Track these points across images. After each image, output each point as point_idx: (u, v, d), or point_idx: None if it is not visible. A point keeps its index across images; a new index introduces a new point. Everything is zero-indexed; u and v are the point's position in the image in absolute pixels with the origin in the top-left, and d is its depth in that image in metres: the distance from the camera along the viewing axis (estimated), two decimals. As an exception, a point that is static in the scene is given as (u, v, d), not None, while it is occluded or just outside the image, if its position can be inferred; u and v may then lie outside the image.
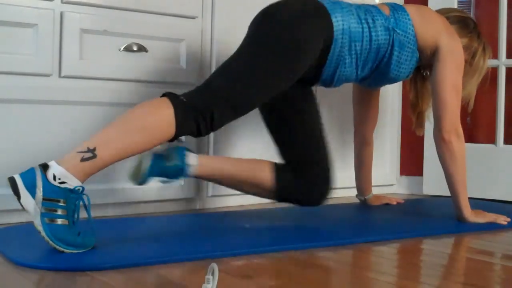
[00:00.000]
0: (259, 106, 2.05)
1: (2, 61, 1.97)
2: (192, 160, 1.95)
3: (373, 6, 2.11)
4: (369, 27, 2.02)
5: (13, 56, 1.99)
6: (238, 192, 2.52)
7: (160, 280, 1.38)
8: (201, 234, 1.87)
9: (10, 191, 1.73)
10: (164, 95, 1.78)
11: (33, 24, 2.02)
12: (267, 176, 2.01)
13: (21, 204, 1.56)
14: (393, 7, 2.11)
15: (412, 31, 2.08)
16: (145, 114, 1.70)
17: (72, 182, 1.58)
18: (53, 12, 2.06)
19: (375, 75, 2.16)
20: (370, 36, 2.02)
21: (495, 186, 2.83)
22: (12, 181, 1.56)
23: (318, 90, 2.75)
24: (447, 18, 2.23)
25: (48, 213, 1.54)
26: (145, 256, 1.54)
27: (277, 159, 2.09)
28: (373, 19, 2.04)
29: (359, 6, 2.07)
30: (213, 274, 1.17)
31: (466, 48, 2.23)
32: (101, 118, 2.15)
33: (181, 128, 1.73)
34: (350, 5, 2.05)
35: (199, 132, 1.78)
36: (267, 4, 2.11)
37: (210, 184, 2.42)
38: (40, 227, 1.54)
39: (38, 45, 2.03)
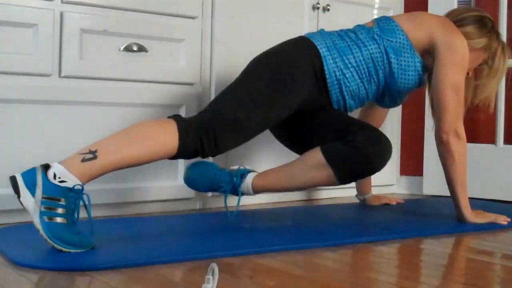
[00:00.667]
0: (265, 129, 2.01)
1: (2, 61, 1.97)
2: (248, 177, 2.04)
3: (356, 26, 2.13)
4: (352, 39, 2.05)
5: (13, 56, 1.99)
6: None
7: (160, 280, 1.38)
8: (201, 234, 1.87)
9: (10, 191, 1.73)
10: (169, 117, 1.82)
11: (33, 24, 2.02)
12: (317, 156, 1.96)
13: (20, 202, 1.57)
14: (378, 19, 2.12)
15: (403, 35, 2.07)
16: (149, 126, 1.76)
17: (72, 181, 1.59)
18: (53, 12, 2.06)
19: (387, 92, 2.14)
20: (358, 46, 2.04)
21: (495, 186, 2.83)
22: (13, 180, 1.58)
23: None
24: (464, 18, 2.17)
25: (47, 211, 1.55)
26: (145, 256, 1.54)
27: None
28: (355, 33, 2.07)
29: (341, 30, 2.11)
30: (213, 274, 1.17)
31: (485, 48, 2.18)
32: (101, 118, 2.15)
33: (184, 141, 1.75)
34: (331, 31, 2.10)
35: (203, 149, 1.80)
36: (267, 4, 2.12)
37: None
38: (39, 225, 1.55)
39: (38, 45, 2.03)
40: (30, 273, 1.42)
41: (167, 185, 2.32)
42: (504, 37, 2.82)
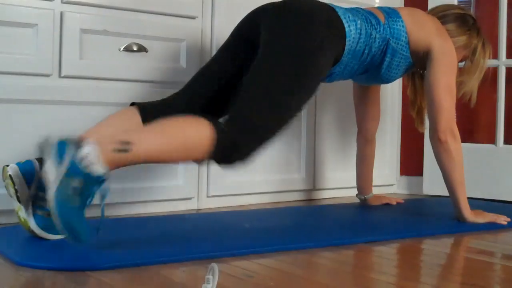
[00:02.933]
0: None
1: (2, 61, 1.97)
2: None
3: (371, 14, 2.09)
4: (371, 44, 2.03)
5: (13, 56, 1.99)
6: (238, 192, 2.53)
7: (160, 280, 1.38)
8: (201, 234, 1.87)
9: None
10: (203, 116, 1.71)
11: (33, 24, 2.02)
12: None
13: (43, 170, 1.53)
14: (388, 13, 2.11)
15: (405, 37, 2.09)
16: (188, 131, 1.65)
17: (98, 168, 1.53)
18: (53, 12, 2.06)
19: (365, 76, 2.21)
20: (369, 52, 2.05)
21: (495, 186, 2.83)
22: (45, 143, 1.54)
23: (323, 94, 2.75)
24: (445, 15, 2.25)
25: (64, 190, 1.49)
26: (145, 256, 1.54)
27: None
28: (375, 31, 2.04)
29: (365, 18, 2.04)
30: (213, 274, 1.17)
31: (465, 45, 2.25)
32: (101, 118, 2.14)
33: (216, 157, 1.68)
34: (361, 16, 2.03)
35: (229, 163, 1.73)
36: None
37: (210, 184, 2.42)
38: (52, 199, 1.49)
39: (38, 45, 2.03)
40: (29, 273, 1.42)
41: (167, 185, 2.32)
42: (504, 37, 2.83)
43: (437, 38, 2.14)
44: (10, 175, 1.64)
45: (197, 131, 1.65)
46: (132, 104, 1.94)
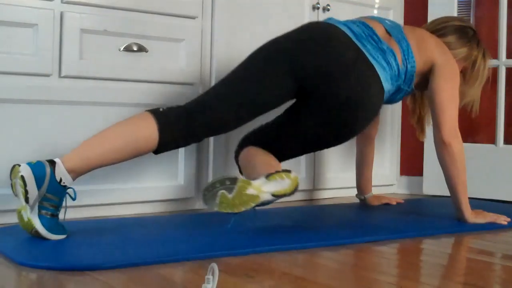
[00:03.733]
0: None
1: (2, 61, 1.97)
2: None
3: (394, 57, 2.06)
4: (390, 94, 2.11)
5: (13, 56, 1.99)
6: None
7: (160, 280, 1.38)
8: (201, 234, 1.87)
9: (10, 191, 1.73)
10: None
11: (33, 24, 2.02)
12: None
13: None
14: (403, 52, 2.09)
15: (414, 72, 2.13)
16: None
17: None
18: (53, 12, 2.06)
19: None
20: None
21: (495, 186, 2.83)
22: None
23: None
24: (445, 27, 2.27)
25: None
26: (145, 256, 1.54)
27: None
28: (396, 81, 2.08)
29: (392, 69, 2.05)
30: (213, 274, 1.17)
31: (466, 57, 2.28)
32: (101, 118, 2.15)
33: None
34: (388, 63, 2.04)
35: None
36: (267, 4, 2.11)
37: (210, 184, 2.42)
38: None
39: (38, 45, 2.03)
40: (30, 272, 1.42)
41: (167, 185, 2.32)
42: (504, 37, 2.83)
43: (439, 54, 2.17)
44: (22, 176, 1.65)
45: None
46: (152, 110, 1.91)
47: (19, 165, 1.67)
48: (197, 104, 1.90)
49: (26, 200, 1.66)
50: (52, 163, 1.69)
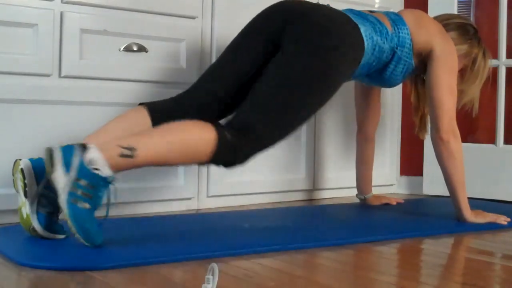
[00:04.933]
0: None
1: (2, 61, 1.97)
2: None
3: (379, 22, 2.07)
4: (379, 55, 2.05)
5: (13, 56, 1.99)
6: (238, 192, 2.53)
7: (160, 280, 1.38)
8: (201, 234, 1.87)
9: (10, 191, 1.73)
10: (207, 121, 1.74)
11: (33, 24, 2.02)
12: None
13: (51, 178, 1.58)
14: (394, 21, 2.11)
15: (410, 44, 2.10)
16: (194, 136, 1.69)
17: (105, 171, 1.58)
18: (53, 12, 2.06)
19: (368, 79, 2.24)
20: (376, 64, 2.07)
21: (495, 186, 2.83)
22: (49, 152, 1.58)
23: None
24: (447, 24, 2.26)
25: (75, 193, 1.56)
26: (145, 256, 1.54)
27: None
28: (384, 42, 2.05)
29: (377, 28, 2.03)
30: (213, 274, 1.17)
31: (466, 54, 2.27)
32: (101, 118, 2.14)
33: (217, 161, 1.73)
34: (373, 27, 2.02)
35: (229, 167, 1.78)
36: (267, 4, 2.11)
37: (210, 184, 2.42)
38: (64, 205, 1.56)
39: (38, 45, 2.03)
40: (30, 272, 1.42)
41: (167, 185, 2.32)
42: (504, 37, 2.83)
43: (439, 39, 2.15)
44: (22, 169, 1.65)
45: (200, 135, 1.69)
46: (141, 104, 1.92)
47: (20, 159, 1.67)
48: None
49: (25, 194, 1.65)
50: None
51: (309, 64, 1.84)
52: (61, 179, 1.57)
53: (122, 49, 2.20)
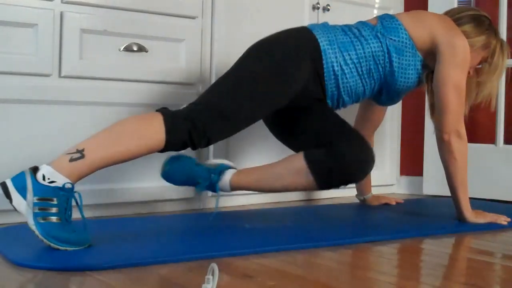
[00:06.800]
0: (257, 119, 2.00)
1: (2, 61, 1.97)
2: (227, 175, 2.03)
3: (358, 22, 2.10)
4: (356, 36, 2.04)
5: (13, 56, 1.99)
6: (238, 192, 2.52)
7: (160, 280, 1.38)
8: (201, 234, 1.87)
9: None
10: (156, 110, 1.82)
11: (33, 24, 2.02)
12: (300, 163, 1.96)
13: (14, 207, 1.60)
14: (381, 17, 2.11)
15: (406, 34, 2.06)
16: (136, 121, 1.76)
17: (61, 181, 1.61)
18: (53, 12, 2.06)
19: (385, 89, 2.14)
20: (361, 43, 2.03)
21: (495, 186, 2.83)
22: (3, 186, 1.60)
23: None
24: (460, 18, 2.18)
25: (40, 212, 1.58)
26: (145, 256, 1.54)
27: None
28: (358, 29, 2.06)
29: (344, 25, 2.09)
30: (213, 274, 1.17)
31: (485, 46, 2.18)
32: (101, 118, 2.15)
33: (171, 135, 1.74)
34: (334, 25, 2.08)
35: (192, 141, 1.79)
36: (267, 4, 2.12)
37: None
38: (33, 227, 1.58)
39: (38, 45, 2.03)
40: (29, 272, 1.42)
41: (167, 185, 2.31)
42: (504, 37, 2.83)
43: (441, 29, 2.08)
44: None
45: (147, 119, 1.75)
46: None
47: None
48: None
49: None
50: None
51: (253, 63, 1.97)
52: (21, 205, 1.59)
53: (122, 49, 2.20)
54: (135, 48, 2.22)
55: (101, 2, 2.16)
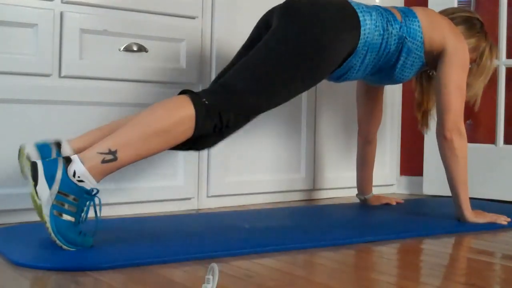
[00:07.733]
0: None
1: (2, 61, 1.97)
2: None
3: (387, 11, 2.08)
4: (387, 39, 2.03)
5: (13, 56, 1.99)
6: (238, 192, 2.53)
7: (160, 280, 1.38)
8: (201, 234, 1.87)
9: (10, 191, 1.73)
10: (184, 92, 1.76)
11: (33, 24, 2.02)
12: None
13: (35, 190, 1.57)
14: (404, 13, 2.11)
15: (421, 38, 2.09)
16: (166, 117, 1.68)
17: (90, 183, 1.59)
18: (53, 12, 2.06)
19: (378, 76, 2.20)
20: (385, 47, 2.04)
21: (495, 186, 2.83)
22: (33, 166, 1.57)
23: (323, 94, 2.75)
24: (453, 18, 2.24)
25: (58, 206, 1.56)
26: (145, 256, 1.54)
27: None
28: (392, 28, 2.04)
29: (380, 13, 2.04)
30: (213, 274, 1.17)
31: (474, 48, 2.25)
32: (101, 118, 2.15)
33: (200, 131, 1.71)
34: (376, 10, 2.03)
35: (221, 134, 1.78)
36: (267, 4, 2.11)
37: (210, 184, 2.42)
38: (47, 218, 1.56)
39: (38, 45, 2.03)
40: (30, 273, 1.42)
41: (167, 185, 2.32)
42: (504, 37, 2.83)
43: (452, 37, 2.14)
44: (27, 153, 1.62)
45: (175, 114, 1.68)
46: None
47: (25, 144, 1.64)
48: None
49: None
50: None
51: (294, 38, 1.85)
52: (44, 193, 1.56)
53: (122, 49, 2.20)
54: (135, 48, 2.22)
55: (101, 2, 2.16)
